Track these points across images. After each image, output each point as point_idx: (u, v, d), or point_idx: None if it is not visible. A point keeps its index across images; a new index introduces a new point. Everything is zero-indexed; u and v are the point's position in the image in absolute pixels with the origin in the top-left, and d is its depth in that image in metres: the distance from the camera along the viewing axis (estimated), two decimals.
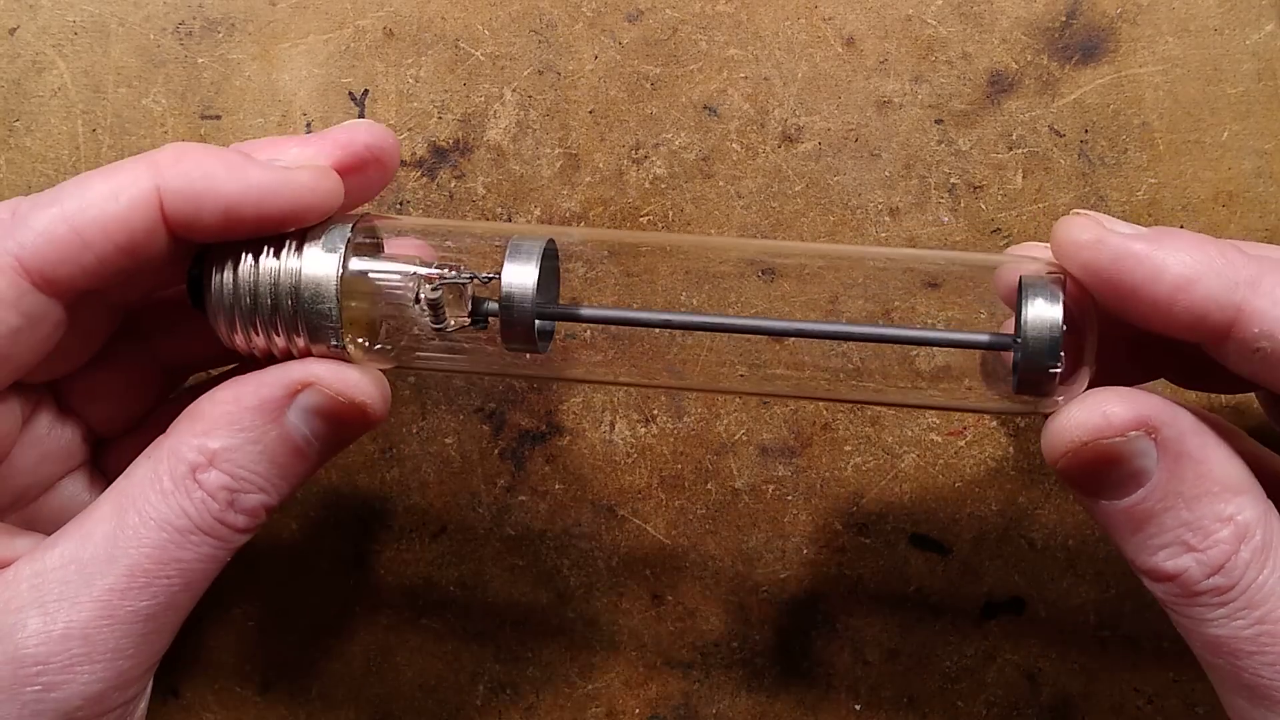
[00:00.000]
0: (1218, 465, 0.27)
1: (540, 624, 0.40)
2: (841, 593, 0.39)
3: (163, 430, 0.30)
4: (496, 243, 0.32)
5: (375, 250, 0.31)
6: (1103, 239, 0.28)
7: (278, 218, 0.29)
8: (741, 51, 0.39)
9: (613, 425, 0.40)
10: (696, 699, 0.40)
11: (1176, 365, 0.34)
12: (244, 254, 0.30)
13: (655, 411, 0.39)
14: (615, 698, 0.40)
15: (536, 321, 0.30)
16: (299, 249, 0.30)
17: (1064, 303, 0.28)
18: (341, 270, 0.30)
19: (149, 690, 0.31)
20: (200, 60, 0.40)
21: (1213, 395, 0.38)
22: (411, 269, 0.31)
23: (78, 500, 0.33)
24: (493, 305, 0.31)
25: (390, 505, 0.40)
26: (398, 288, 0.31)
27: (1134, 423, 0.28)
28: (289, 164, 0.30)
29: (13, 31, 0.40)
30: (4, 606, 0.28)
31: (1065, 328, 0.28)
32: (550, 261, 0.32)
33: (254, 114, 0.40)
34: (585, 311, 0.31)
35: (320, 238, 0.30)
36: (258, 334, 0.30)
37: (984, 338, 0.30)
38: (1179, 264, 0.27)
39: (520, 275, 0.30)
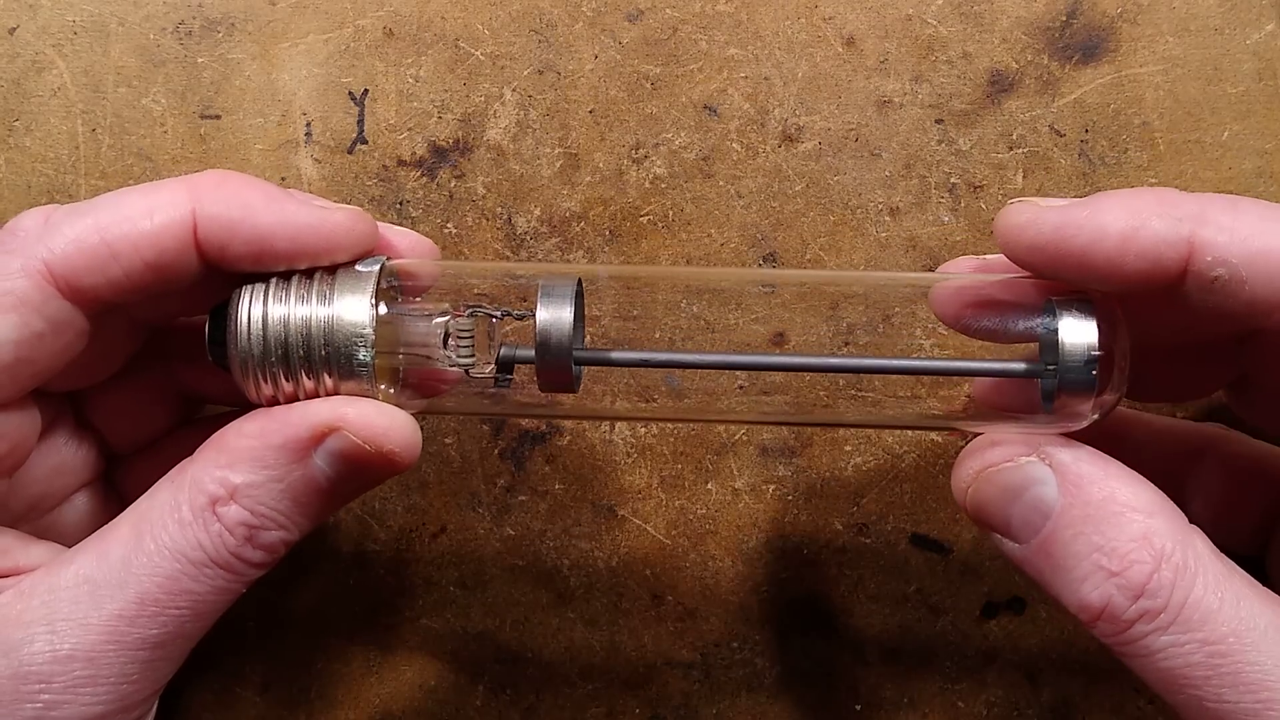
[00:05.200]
0: (1121, 488, 0.27)
1: (540, 624, 0.40)
2: (841, 593, 0.39)
3: (178, 453, 0.30)
4: (507, 282, 0.32)
5: (397, 291, 0.31)
6: (1039, 215, 0.28)
7: (310, 255, 0.29)
8: (741, 51, 0.39)
9: (613, 425, 0.40)
10: (696, 699, 0.40)
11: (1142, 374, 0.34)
12: (270, 297, 0.29)
13: None
14: (615, 698, 0.40)
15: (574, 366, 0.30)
16: (330, 290, 0.29)
17: (1098, 323, 0.28)
18: (375, 313, 0.29)
19: (154, 711, 0.30)
20: (200, 60, 0.40)
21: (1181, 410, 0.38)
22: (443, 308, 0.30)
23: (88, 515, 0.33)
24: (525, 353, 0.30)
25: (390, 505, 0.40)
26: (428, 331, 0.30)
27: (1023, 448, 0.28)
28: (326, 204, 0.30)
29: (12, 31, 0.40)
30: (16, 619, 0.27)
31: (1101, 351, 0.28)
32: (579, 301, 0.31)
33: (254, 113, 0.40)
34: (621, 355, 0.31)
35: (351, 278, 0.29)
36: (286, 380, 0.29)
37: (1020, 366, 0.30)
38: (1118, 217, 0.27)
39: (556, 319, 0.29)
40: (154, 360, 0.34)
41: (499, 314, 0.31)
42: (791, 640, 0.40)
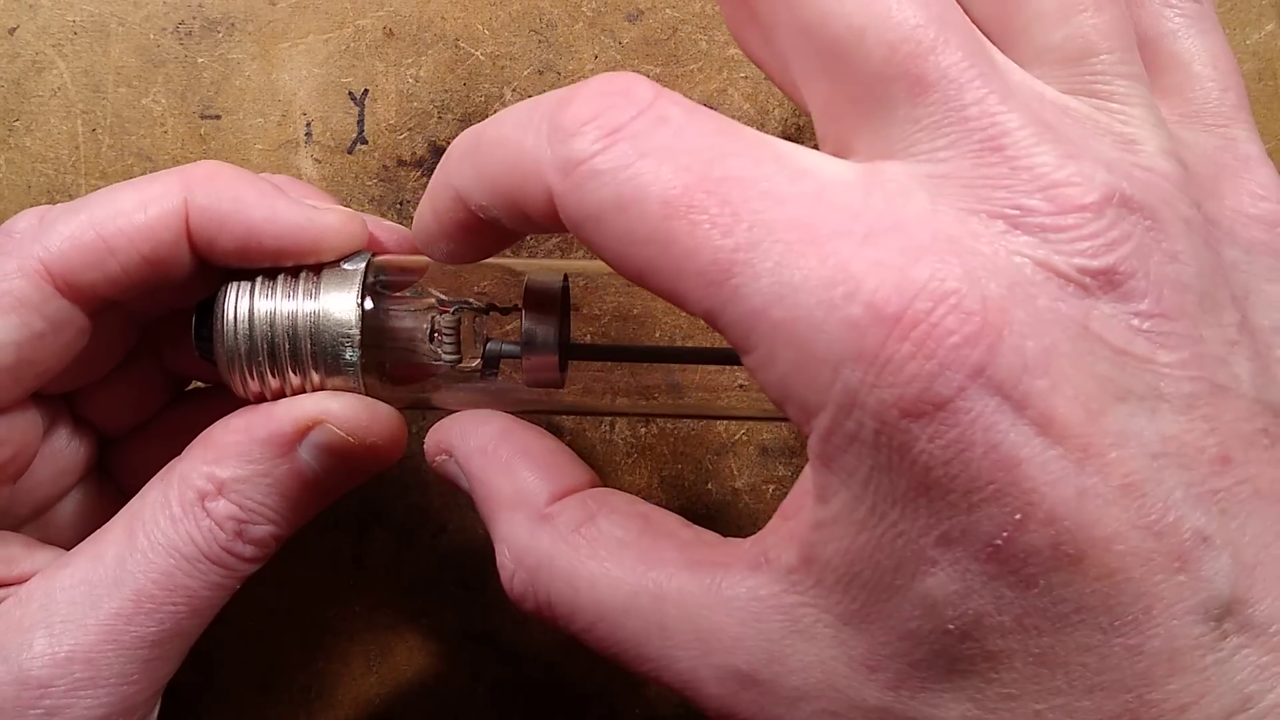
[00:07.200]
0: (504, 485, 0.28)
1: (540, 624, 0.40)
2: None
3: (167, 430, 0.30)
4: (496, 278, 0.32)
5: (383, 286, 0.31)
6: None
7: (297, 253, 0.29)
8: (741, 51, 0.39)
9: (613, 425, 0.40)
10: None
11: None
12: (256, 294, 0.29)
13: None
14: (615, 698, 0.40)
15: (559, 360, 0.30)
16: (316, 287, 0.30)
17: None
18: (361, 311, 0.29)
19: (155, 713, 0.31)
20: (200, 60, 0.40)
21: None
22: (428, 303, 0.31)
23: (85, 505, 0.33)
24: (510, 348, 0.30)
25: (390, 505, 0.40)
26: (413, 326, 0.31)
27: (434, 449, 0.29)
28: (317, 204, 0.30)
29: (12, 31, 0.40)
30: (16, 624, 0.27)
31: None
32: (565, 297, 0.32)
33: (254, 114, 0.40)
34: (607, 349, 0.31)
35: (336, 276, 0.30)
36: (273, 376, 0.30)
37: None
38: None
39: (542, 315, 0.29)
40: (143, 347, 0.34)
41: (484, 309, 0.31)
42: None
